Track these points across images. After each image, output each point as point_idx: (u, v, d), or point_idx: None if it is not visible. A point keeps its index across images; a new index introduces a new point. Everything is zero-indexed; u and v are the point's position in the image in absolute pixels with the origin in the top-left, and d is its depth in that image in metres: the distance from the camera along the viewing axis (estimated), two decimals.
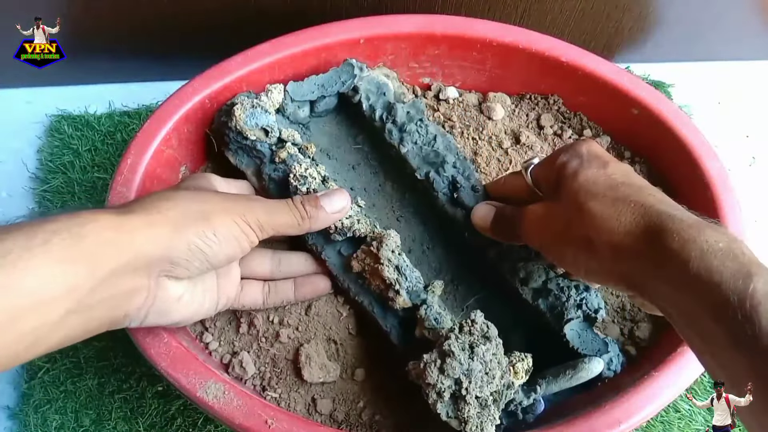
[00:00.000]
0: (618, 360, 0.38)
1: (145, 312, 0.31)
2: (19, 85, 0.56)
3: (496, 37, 0.45)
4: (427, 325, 0.36)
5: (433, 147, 0.41)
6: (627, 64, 0.60)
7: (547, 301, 0.38)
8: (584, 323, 0.37)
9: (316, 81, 0.42)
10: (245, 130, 0.39)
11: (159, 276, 0.30)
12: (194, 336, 0.40)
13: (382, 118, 0.42)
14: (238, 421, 0.33)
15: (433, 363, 0.33)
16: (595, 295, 0.38)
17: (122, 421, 0.43)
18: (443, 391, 0.32)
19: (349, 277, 0.39)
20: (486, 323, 0.34)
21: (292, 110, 0.42)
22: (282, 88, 0.42)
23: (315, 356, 0.39)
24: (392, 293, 0.37)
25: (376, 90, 0.43)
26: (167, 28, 0.52)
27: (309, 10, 0.50)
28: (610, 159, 0.34)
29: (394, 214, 0.43)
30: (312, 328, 0.40)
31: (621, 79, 0.44)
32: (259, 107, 0.40)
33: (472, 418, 0.32)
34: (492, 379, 0.33)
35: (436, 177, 0.41)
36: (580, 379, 0.36)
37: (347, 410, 0.38)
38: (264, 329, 0.40)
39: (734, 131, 0.60)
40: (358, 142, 0.45)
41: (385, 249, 0.37)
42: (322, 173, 0.39)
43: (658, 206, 0.30)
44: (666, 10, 0.56)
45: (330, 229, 0.37)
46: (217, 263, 0.32)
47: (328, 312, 0.40)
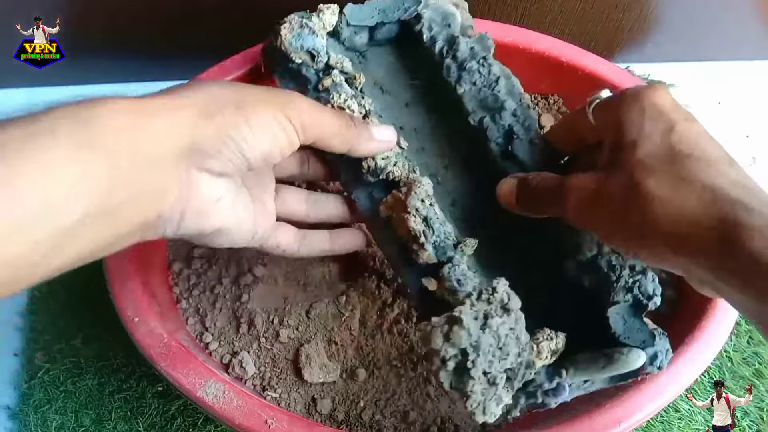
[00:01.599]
0: (666, 356, 0.33)
1: (180, 211, 0.27)
2: (19, 85, 0.56)
3: (496, 37, 0.45)
4: (448, 286, 0.32)
5: (493, 90, 0.37)
6: (627, 64, 0.60)
7: (593, 278, 0.34)
8: (632, 308, 0.33)
9: (377, 5, 0.39)
10: (290, 52, 0.36)
11: (190, 169, 0.26)
12: (194, 336, 0.40)
13: (443, 52, 0.38)
14: (238, 421, 0.33)
15: (439, 328, 0.28)
16: (652, 278, 0.33)
17: (122, 421, 0.43)
18: (447, 359, 0.28)
19: (377, 222, 0.36)
20: (508, 293, 0.29)
21: (348, 35, 0.38)
22: (336, 9, 0.38)
23: (315, 356, 0.39)
24: (417, 246, 0.33)
25: (441, 20, 0.39)
26: (167, 28, 0.52)
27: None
28: (678, 118, 0.28)
29: (442, 162, 0.38)
30: (312, 329, 0.40)
31: (621, 79, 0.44)
32: (308, 28, 0.36)
33: (475, 394, 0.28)
34: (506, 355, 0.29)
35: (491, 124, 0.37)
36: (616, 370, 0.32)
37: (347, 410, 0.38)
38: (264, 329, 0.40)
39: (734, 131, 0.60)
40: (417, 77, 0.40)
41: (413, 197, 0.33)
42: (366, 107, 0.36)
43: (732, 192, 0.24)
44: (666, 10, 0.56)
45: (363, 168, 0.34)
46: (253, 159, 0.28)
47: (329, 313, 0.40)
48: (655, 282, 0.33)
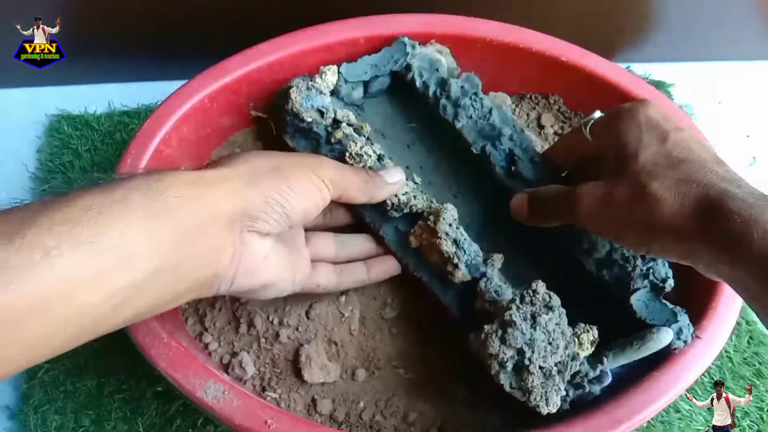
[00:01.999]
0: (688, 330, 0.36)
1: (233, 272, 0.30)
2: (19, 85, 0.56)
3: (496, 37, 0.45)
4: (488, 298, 0.36)
5: (488, 120, 0.41)
6: (627, 64, 0.60)
7: (612, 272, 0.37)
8: (651, 293, 0.36)
9: (369, 61, 0.42)
10: (301, 112, 0.39)
11: (242, 232, 0.30)
12: (194, 336, 0.40)
13: (436, 94, 0.42)
14: (238, 422, 0.33)
15: (494, 333, 0.32)
16: (663, 264, 0.37)
17: (122, 422, 0.43)
18: (506, 361, 0.32)
19: (408, 252, 0.39)
20: (548, 293, 0.33)
21: (346, 92, 0.42)
22: (336, 70, 0.41)
23: (315, 357, 0.39)
24: (451, 267, 0.36)
25: (429, 66, 0.43)
26: (167, 28, 0.52)
27: (309, 10, 0.50)
28: (669, 128, 0.32)
29: (450, 191, 0.42)
30: (312, 329, 0.40)
31: (621, 79, 0.44)
32: (314, 89, 0.40)
33: (536, 388, 0.31)
34: (556, 349, 0.32)
35: (492, 150, 0.40)
36: (650, 349, 0.35)
37: (347, 410, 0.38)
38: (264, 329, 0.40)
39: (734, 131, 0.60)
40: (413, 120, 0.44)
41: (442, 223, 0.36)
42: (377, 151, 0.39)
43: (720, 184, 0.29)
44: (666, 10, 0.56)
45: (386, 205, 0.38)
46: (294, 217, 0.32)
47: (329, 313, 0.40)
48: (666, 266, 0.37)
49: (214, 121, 0.43)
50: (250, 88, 0.43)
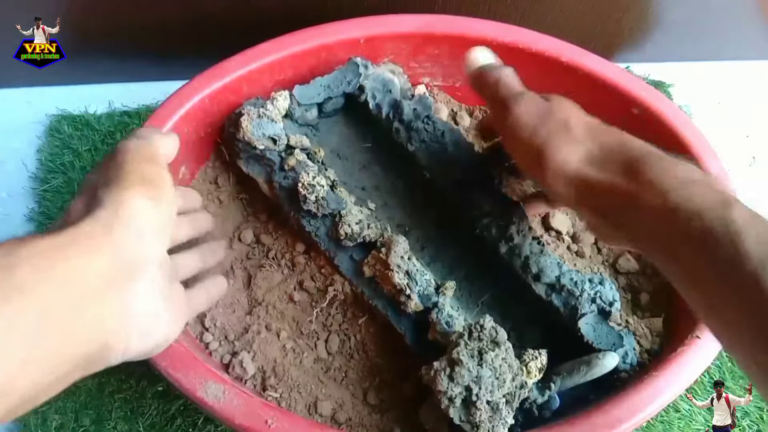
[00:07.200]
0: (634, 353, 0.37)
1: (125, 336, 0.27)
2: (19, 85, 0.56)
3: (496, 37, 0.45)
4: (439, 329, 0.36)
5: (441, 143, 0.41)
6: (627, 64, 0.60)
7: (560, 297, 0.38)
8: (599, 317, 0.37)
9: (322, 82, 0.42)
10: (253, 141, 0.39)
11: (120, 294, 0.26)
12: (194, 336, 0.40)
13: (390, 117, 0.42)
14: (238, 421, 0.33)
15: (443, 371, 0.33)
16: (610, 287, 0.38)
17: (122, 421, 0.43)
18: (454, 397, 0.32)
19: (362, 281, 0.39)
20: (495, 328, 0.34)
21: (300, 114, 0.42)
22: (287, 94, 0.41)
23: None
24: (404, 298, 0.37)
25: (382, 87, 0.43)
26: (167, 28, 0.52)
27: (309, 10, 0.50)
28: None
29: (406, 213, 0.43)
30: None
31: (621, 79, 0.44)
32: (266, 117, 0.39)
33: (484, 423, 0.32)
34: (503, 383, 0.33)
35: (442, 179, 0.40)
36: (595, 374, 0.36)
37: (348, 411, 0.38)
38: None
39: (734, 131, 0.60)
40: (368, 140, 0.44)
41: (394, 255, 0.37)
42: (331, 178, 0.39)
43: (635, 141, 0.30)
44: (666, 10, 0.56)
45: (341, 235, 0.38)
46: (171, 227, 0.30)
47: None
48: (613, 290, 0.38)
49: (214, 121, 0.43)
50: (250, 88, 0.43)
